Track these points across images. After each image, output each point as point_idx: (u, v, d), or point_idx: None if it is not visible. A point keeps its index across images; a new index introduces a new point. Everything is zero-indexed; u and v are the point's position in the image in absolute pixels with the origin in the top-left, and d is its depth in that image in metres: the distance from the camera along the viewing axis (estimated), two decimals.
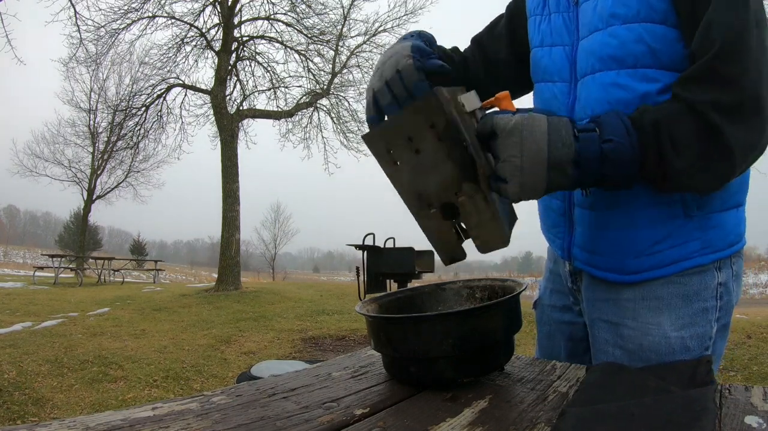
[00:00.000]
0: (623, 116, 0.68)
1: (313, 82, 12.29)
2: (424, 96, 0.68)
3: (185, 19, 11.43)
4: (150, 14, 11.26)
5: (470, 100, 0.70)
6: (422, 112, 0.67)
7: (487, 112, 0.72)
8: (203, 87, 12.16)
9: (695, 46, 0.69)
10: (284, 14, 11.79)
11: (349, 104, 12.46)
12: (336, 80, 12.24)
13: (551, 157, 0.64)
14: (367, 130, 0.75)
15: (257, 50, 12.12)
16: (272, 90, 12.37)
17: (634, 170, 0.67)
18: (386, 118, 0.80)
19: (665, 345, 0.77)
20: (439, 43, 0.94)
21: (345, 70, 12.22)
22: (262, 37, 12.00)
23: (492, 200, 0.68)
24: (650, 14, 0.73)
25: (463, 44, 1.07)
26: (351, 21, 11.89)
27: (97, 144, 17.99)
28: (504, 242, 0.71)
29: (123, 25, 11.24)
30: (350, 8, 11.73)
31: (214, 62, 11.64)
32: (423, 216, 0.73)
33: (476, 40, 1.06)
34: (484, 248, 0.72)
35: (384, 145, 0.71)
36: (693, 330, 0.77)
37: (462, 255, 0.75)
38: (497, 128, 0.65)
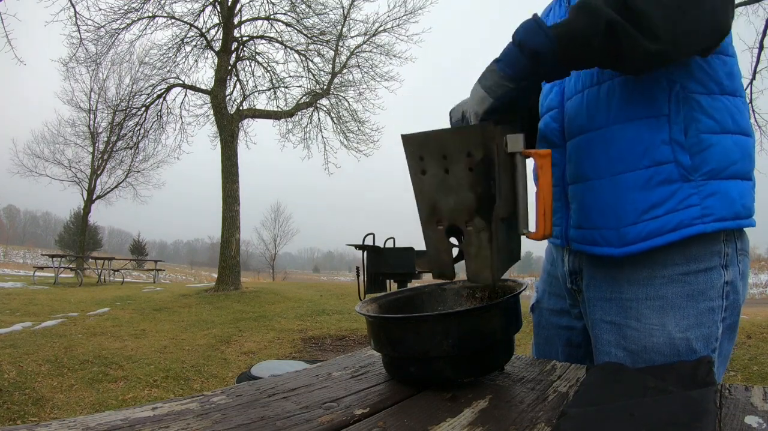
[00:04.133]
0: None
1: (313, 82, 12.29)
2: (473, 126, 0.71)
3: (185, 19, 11.42)
4: (150, 14, 11.25)
5: (515, 142, 0.72)
6: (466, 138, 0.69)
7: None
8: (203, 87, 12.15)
9: None
10: (284, 14, 11.79)
11: (349, 104, 12.46)
12: (336, 80, 12.23)
13: (482, 81, 0.73)
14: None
15: (257, 50, 12.12)
16: (272, 90, 12.37)
17: (551, 45, 0.69)
18: None
19: (669, 347, 0.75)
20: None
21: (345, 70, 12.21)
22: (262, 37, 11.99)
23: (495, 239, 0.70)
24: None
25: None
26: (351, 21, 11.89)
27: (97, 144, 17.98)
28: (491, 280, 0.72)
29: (123, 25, 11.23)
30: (350, 8, 11.73)
31: (214, 62, 11.64)
32: (430, 228, 0.75)
33: None
34: (472, 278, 0.73)
35: (419, 151, 0.72)
36: (699, 331, 0.75)
37: (451, 275, 0.77)
38: None
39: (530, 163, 0.79)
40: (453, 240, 0.75)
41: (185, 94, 12.58)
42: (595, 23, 0.67)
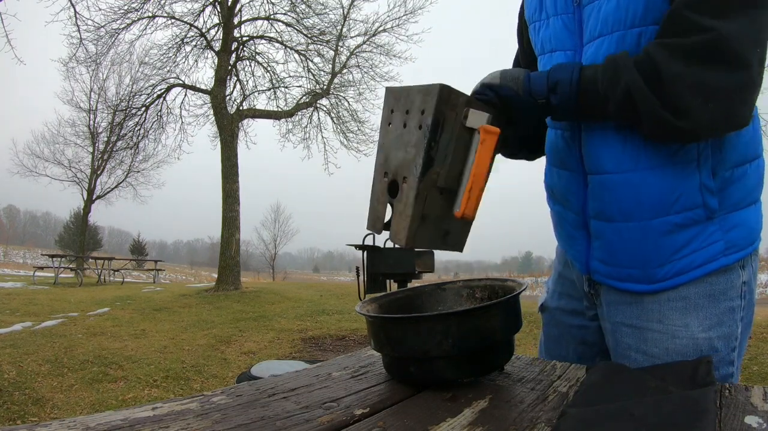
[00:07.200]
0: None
1: (313, 82, 12.29)
2: (433, 85, 0.70)
3: (185, 19, 11.41)
4: (150, 14, 11.24)
5: (476, 118, 0.71)
6: (424, 95, 0.70)
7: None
8: (203, 87, 12.15)
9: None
10: (284, 14, 11.79)
11: (349, 104, 12.46)
12: (336, 80, 12.23)
13: (507, 70, 0.79)
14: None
15: (257, 50, 12.11)
16: (272, 90, 12.36)
17: (570, 88, 0.73)
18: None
19: (693, 347, 0.75)
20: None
21: (345, 70, 12.21)
22: (262, 37, 11.99)
23: (421, 202, 0.70)
24: (656, 16, 0.71)
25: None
26: (351, 21, 11.89)
27: (97, 144, 17.98)
28: (404, 243, 0.71)
29: (123, 25, 11.23)
30: (350, 8, 11.73)
31: (214, 62, 11.63)
32: (377, 179, 0.78)
33: None
34: (391, 236, 0.76)
35: (392, 104, 0.76)
36: (720, 331, 0.76)
37: (379, 229, 0.78)
38: None
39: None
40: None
41: (185, 94, 12.59)
42: (614, 83, 0.70)
